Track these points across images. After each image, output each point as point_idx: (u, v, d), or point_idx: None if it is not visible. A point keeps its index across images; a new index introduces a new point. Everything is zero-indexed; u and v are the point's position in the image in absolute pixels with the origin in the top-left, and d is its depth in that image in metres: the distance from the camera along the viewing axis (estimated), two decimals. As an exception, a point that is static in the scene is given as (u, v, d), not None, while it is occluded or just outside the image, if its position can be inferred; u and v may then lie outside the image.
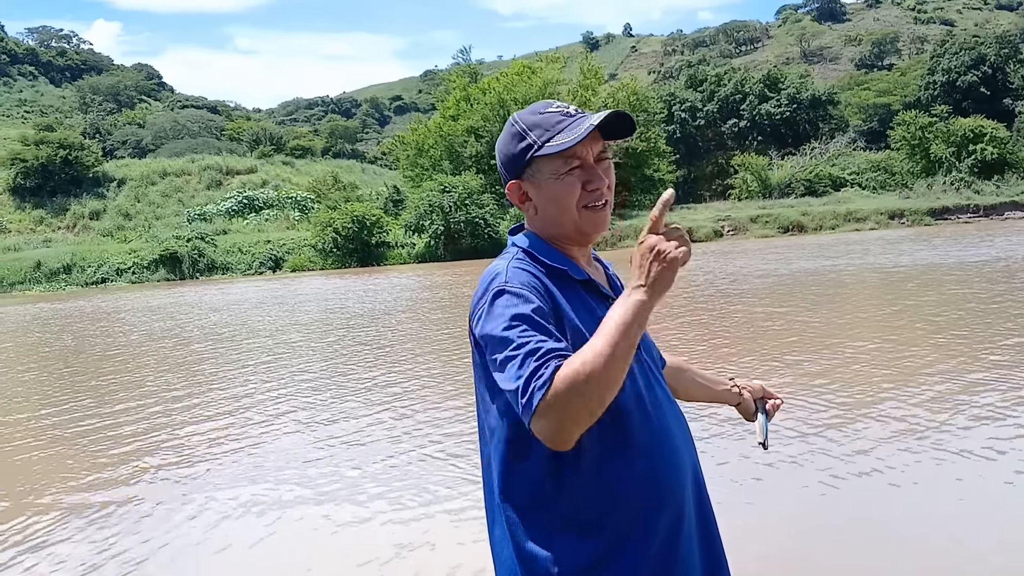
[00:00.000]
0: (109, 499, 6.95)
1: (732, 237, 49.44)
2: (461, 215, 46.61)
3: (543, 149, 2.05)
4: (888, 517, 5.42)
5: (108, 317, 26.12)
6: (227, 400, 10.82)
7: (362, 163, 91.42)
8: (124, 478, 7.59)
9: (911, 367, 9.75)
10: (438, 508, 6.12)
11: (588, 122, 2.03)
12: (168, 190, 70.18)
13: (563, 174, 2.06)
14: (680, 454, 2.07)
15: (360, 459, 7.58)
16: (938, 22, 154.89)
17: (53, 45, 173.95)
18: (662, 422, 2.06)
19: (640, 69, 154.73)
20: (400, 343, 15.31)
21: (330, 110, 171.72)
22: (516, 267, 2.03)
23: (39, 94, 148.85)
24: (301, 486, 6.90)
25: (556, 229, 2.11)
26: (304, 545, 5.68)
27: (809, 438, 7.10)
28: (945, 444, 6.70)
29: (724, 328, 14.17)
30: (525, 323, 1.88)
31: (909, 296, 16.78)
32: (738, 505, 5.72)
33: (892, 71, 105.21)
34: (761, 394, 2.60)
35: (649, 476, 1.98)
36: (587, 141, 2.05)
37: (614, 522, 1.95)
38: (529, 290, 1.95)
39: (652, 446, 2.01)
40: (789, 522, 5.58)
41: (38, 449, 8.93)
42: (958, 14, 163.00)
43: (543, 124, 2.07)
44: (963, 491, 5.76)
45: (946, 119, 63.33)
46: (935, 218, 50.63)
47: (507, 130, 2.14)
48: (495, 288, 1.97)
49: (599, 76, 64.66)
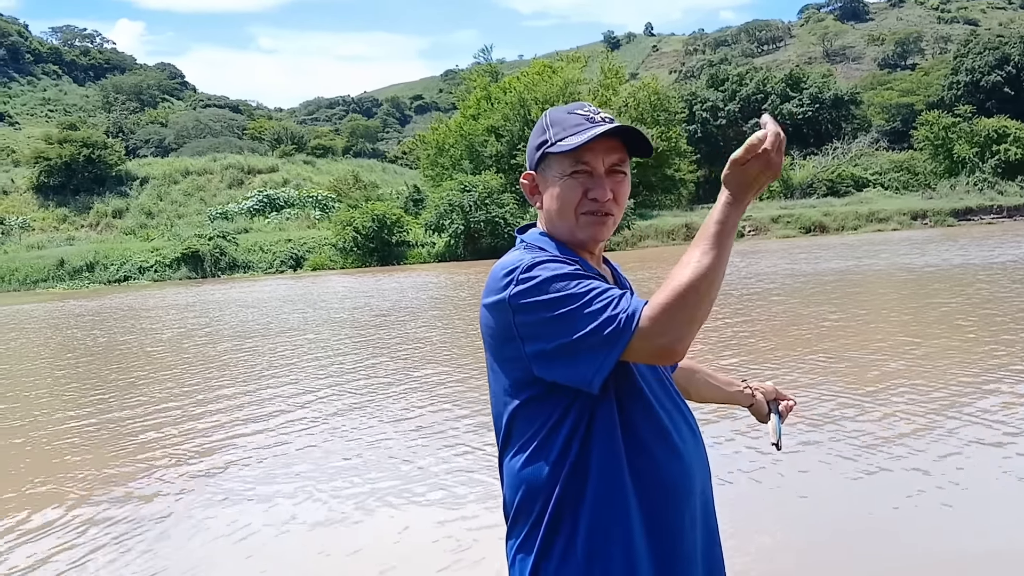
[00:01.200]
0: (136, 494, 6.99)
1: (753, 237, 49.24)
2: (481, 214, 46.60)
3: (554, 147, 2.06)
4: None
5: (140, 315, 26.25)
6: (274, 399, 10.83)
7: (383, 162, 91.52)
8: (162, 475, 7.63)
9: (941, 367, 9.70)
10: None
11: (596, 130, 2.03)
12: (190, 189, 70.49)
13: (567, 176, 2.07)
14: (686, 455, 2.06)
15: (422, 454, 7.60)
16: (962, 21, 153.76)
17: (77, 44, 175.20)
18: (670, 422, 2.06)
19: (661, 68, 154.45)
20: (440, 340, 15.35)
21: (351, 109, 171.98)
22: (532, 251, 2.04)
23: (63, 93, 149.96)
24: (386, 479, 6.93)
25: (556, 230, 2.12)
26: (360, 544, 5.71)
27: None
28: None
29: (778, 328, 14.12)
30: (578, 278, 1.90)
31: (957, 296, 16.67)
32: (744, 506, 5.70)
33: (915, 71, 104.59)
34: (774, 395, 2.59)
35: (656, 475, 1.99)
36: (601, 150, 2.06)
37: (620, 524, 1.95)
38: (560, 256, 1.99)
39: (664, 442, 2.01)
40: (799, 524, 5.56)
41: (72, 442, 9.00)
42: (982, 13, 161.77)
43: (564, 123, 2.09)
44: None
45: (969, 119, 62.89)
46: (958, 219, 50.31)
47: (539, 120, 2.17)
48: (526, 265, 1.95)
49: (620, 76, 64.56)
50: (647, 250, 45.22)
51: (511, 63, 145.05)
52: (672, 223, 50.91)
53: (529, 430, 2.00)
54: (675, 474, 2.01)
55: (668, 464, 2.00)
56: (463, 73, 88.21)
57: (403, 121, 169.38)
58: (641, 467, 1.97)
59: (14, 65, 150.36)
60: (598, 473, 1.95)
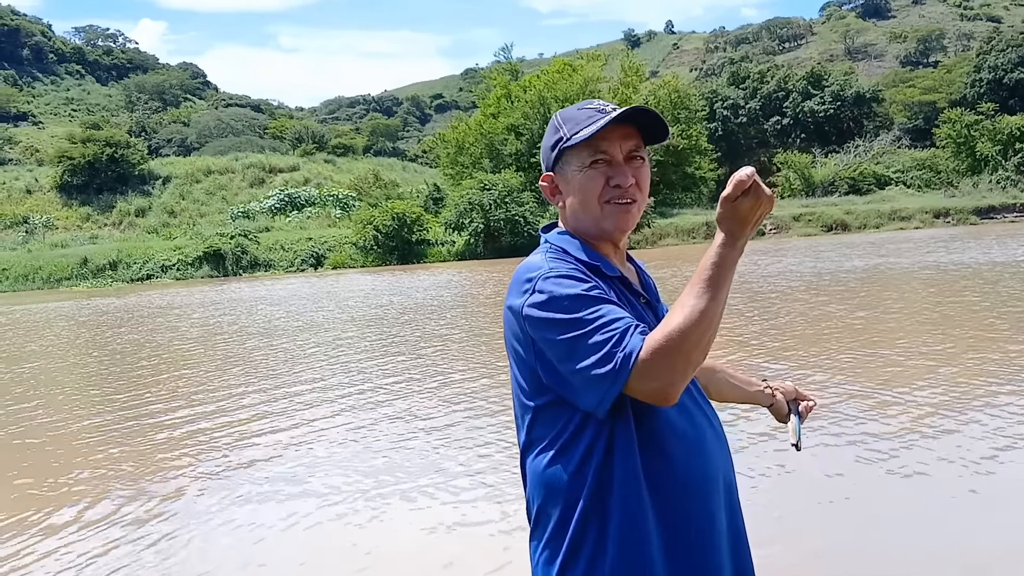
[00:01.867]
0: (158, 492, 7.06)
1: (775, 235, 49.09)
2: (501, 213, 46.66)
3: (570, 140, 2.07)
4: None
5: (167, 312, 26.38)
6: (301, 395, 10.88)
7: (403, 161, 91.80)
8: (184, 472, 7.70)
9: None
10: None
11: (611, 116, 2.04)
12: (212, 188, 70.93)
13: (587, 167, 2.07)
14: (713, 457, 2.07)
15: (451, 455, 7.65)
16: (984, 19, 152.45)
17: (99, 44, 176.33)
18: (692, 420, 2.06)
19: (682, 66, 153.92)
20: (465, 338, 15.41)
21: (372, 108, 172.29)
22: (552, 258, 2.05)
23: (86, 93, 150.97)
24: (394, 479, 6.98)
25: (581, 224, 2.12)
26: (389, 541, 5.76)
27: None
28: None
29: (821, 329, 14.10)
30: (591, 303, 1.89)
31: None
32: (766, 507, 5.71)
33: (938, 68, 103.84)
34: (794, 395, 2.58)
35: (681, 478, 1.99)
36: (616, 138, 2.07)
37: (643, 511, 1.95)
38: (579, 272, 1.98)
39: (686, 448, 2.01)
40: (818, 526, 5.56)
41: (99, 439, 9.09)
42: (1005, 11, 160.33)
43: (576, 119, 2.09)
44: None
45: (992, 117, 62.47)
46: (981, 217, 49.96)
47: (549, 125, 2.18)
48: (542, 275, 1.97)
49: (640, 74, 64.46)
50: (668, 248, 45.18)
51: (531, 61, 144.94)
52: (692, 221, 50.84)
53: (551, 432, 2.01)
54: (697, 472, 2.02)
55: (689, 462, 2.01)
56: (483, 71, 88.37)
57: (423, 120, 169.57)
58: (660, 471, 1.97)
59: (38, 65, 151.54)
60: (621, 486, 1.95)
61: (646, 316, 2.12)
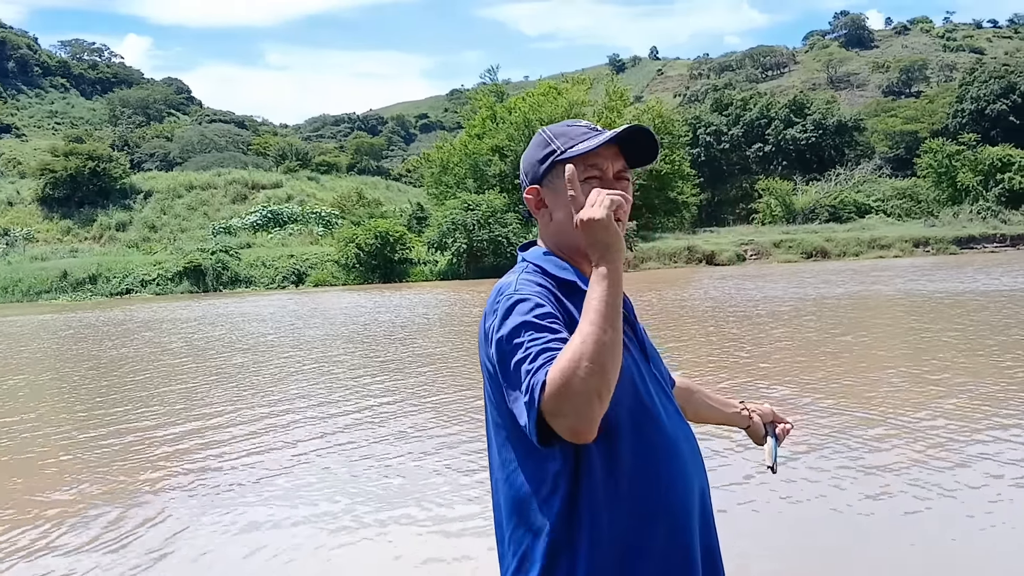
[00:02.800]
0: (139, 509, 7.00)
1: (755, 261, 49.31)
2: (484, 233, 46.72)
3: (565, 154, 2.08)
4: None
5: (153, 327, 26.20)
6: (288, 413, 10.85)
7: (387, 180, 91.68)
8: (165, 487, 7.64)
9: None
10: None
11: (611, 132, 2.07)
12: (194, 203, 70.68)
13: (581, 181, 2.05)
14: (688, 471, 2.06)
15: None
16: (967, 50, 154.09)
17: (85, 58, 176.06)
18: (672, 438, 2.05)
19: (666, 92, 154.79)
20: (452, 356, 15.38)
21: (356, 127, 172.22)
22: (525, 279, 2.04)
23: (70, 106, 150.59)
24: (375, 499, 6.93)
25: (567, 238, 2.10)
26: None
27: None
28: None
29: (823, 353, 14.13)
30: (532, 329, 1.87)
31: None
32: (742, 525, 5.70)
33: (920, 98, 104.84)
34: (771, 418, 2.57)
35: (656, 491, 1.97)
36: (609, 156, 2.09)
37: (616, 535, 1.93)
38: (540, 297, 1.96)
39: (660, 460, 2.00)
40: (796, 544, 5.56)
41: (81, 454, 9.01)
42: (988, 42, 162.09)
43: (568, 134, 2.12)
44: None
45: (974, 147, 63.00)
46: (960, 247, 50.32)
47: (534, 139, 2.19)
48: (506, 297, 1.98)
49: (625, 98, 64.75)
50: (650, 272, 45.28)
51: (517, 84, 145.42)
52: (674, 245, 51.02)
53: (519, 455, 2.00)
54: (674, 489, 2.00)
55: (663, 480, 1.99)
56: (469, 93, 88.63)
57: (408, 139, 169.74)
58: (632, 493, 1.95)
59: (23, 77, 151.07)
60: (589, 514, 1.93)
61: (625, 332, 2.09)
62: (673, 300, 25.76)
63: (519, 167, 2.25)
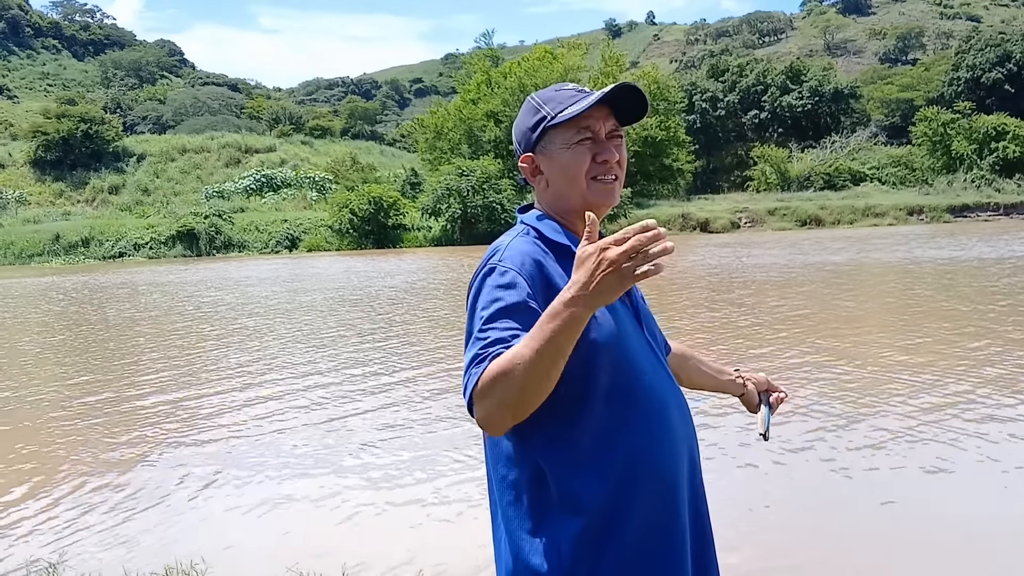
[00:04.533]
0: (129, 471, 7.03)
1: (749, 229, 49.32)
2: (479, 199, 46.63)
3: (556, 119, 2.08)
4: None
5: (157, 289, 26.20)
6: (297, 376, 10.89)
7: (381, 145, 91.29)
8: (160, 451, 7.67)
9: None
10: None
11: (598, 93, 2.08)
12: (187, 167, 70.35)
13: (574, 144, 2.08)
14: (676, 436, 2.08)
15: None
16: (964, 18, 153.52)
17: (77, 19, 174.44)
18: (662, 402, 2.07)
19: (662, 58, 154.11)
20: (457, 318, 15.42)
21: (350, 91, 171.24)
22: (518, 243, 2.06)
23: (62, 68, 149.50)
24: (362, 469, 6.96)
25: (564, 202, 2.13)
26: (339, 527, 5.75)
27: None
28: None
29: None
30: (497, 309, 1.91)
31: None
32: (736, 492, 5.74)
33: (916, 66, 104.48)
34: (766, 386, 2.58)
35: (644, 455, 1.99)
36: (599, 116, 2.10)
37: (604, 499, 1.95)
38: (518, 270, 1.97)
39: (650, 424, 2.02)
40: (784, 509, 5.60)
41: (79, 419, 9.04)
42: (984, 10, 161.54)
43: (557, 99, 2.12)
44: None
45: (969, 116, 62.93)
46: (954, 215, 50.40)
47: (524, 107, 2.19)
48: (490, 265, 2.01)
49: (620, 64, 64.39)
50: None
51: (512, 48, 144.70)
52: (669, 212, 50.98)
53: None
54: (663, 444, 2.03)
55: (656, 434, 2.02)
56: (464, 57, 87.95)
57: (402, 104, 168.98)
58: (628, 435, 1.98)
59: (14, 39, 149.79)
60: (585, 442, 1.96)
61: (620, 297, 2.10)
62: (670, 267, 25.73)
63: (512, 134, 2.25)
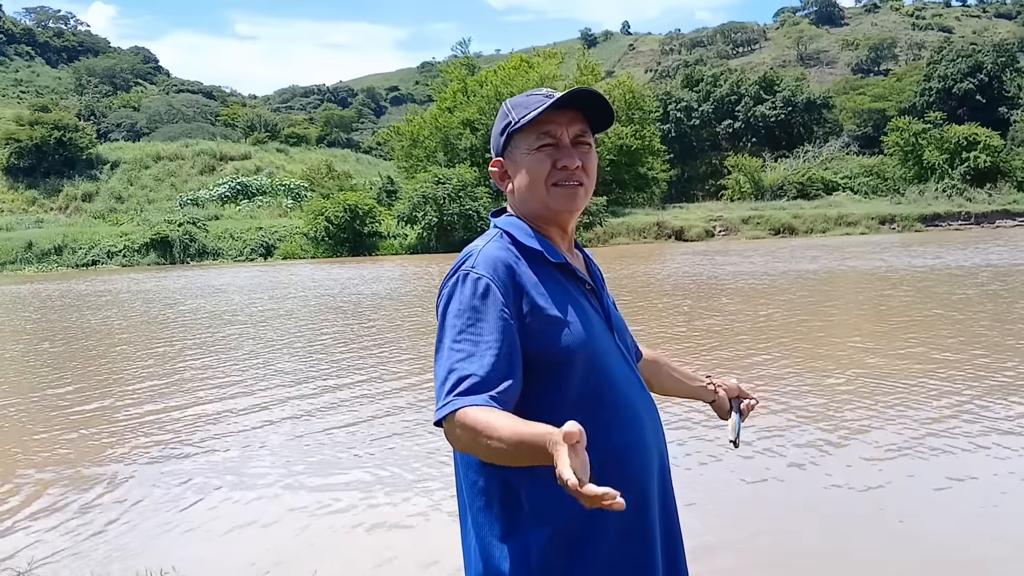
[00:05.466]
0: (99, 478, 7.03)
1: (723, 237, 49.57)
2: (455, 207, 46.65)
3: (518, 123, 2.11)
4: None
5: (138, 297, 25.99)
6: (274, 382, 10.88)
7: (357, 152, 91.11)
8: (130, 459, 7.67)
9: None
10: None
11: (554, 98, 2.09)
12: (161, 174, 69.95)
13: (534, 150, 2.10)
14: (647, 442, 2.10)
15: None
16: (936, 29, 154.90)
17: (50, 26, 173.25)
18: (632, 409, 2.10)
19: (637, 67, 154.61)
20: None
21: (326, 99, 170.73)
22: (491, 248, 2.09)
23: (35, 74, 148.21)
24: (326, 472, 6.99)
25: (529, 207, 2.16)
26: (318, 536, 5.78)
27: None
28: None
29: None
30: (470, 319, 1.97)
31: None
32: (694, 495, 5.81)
33: (888, 76, 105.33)
34: (736, 393, 2.58)
35: (614, 463, 2.01)
36: (564, 122, 2.11)
37: (574, 508, 1.87)
38: (491, 277, 2.01)
39: (621, 431, 2.05)
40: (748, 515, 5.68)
41: (50, 426, 9.01)
42: (956, 21, 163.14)
43: (524, 104, 2.14)
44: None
45: (940, 126, 63.48)
46: (926, 224, 50.82)
47: (500, 110, 2.21)
48: (462, 271, 2.05)
49: (596, 73, 64.70)
50: (619, 247, 45.43)
51: (488, 57, 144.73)
52: (644, 221, 51.19)
53: None
54: (633, 448, 2.06)
55: (627, 439, 2.05)
56: (440, 65, 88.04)
57: (378, 112, 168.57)
58: (598, 439, 1.94)
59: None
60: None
61: (591, 302, 2.17)
62: (637, 277, 25.88)
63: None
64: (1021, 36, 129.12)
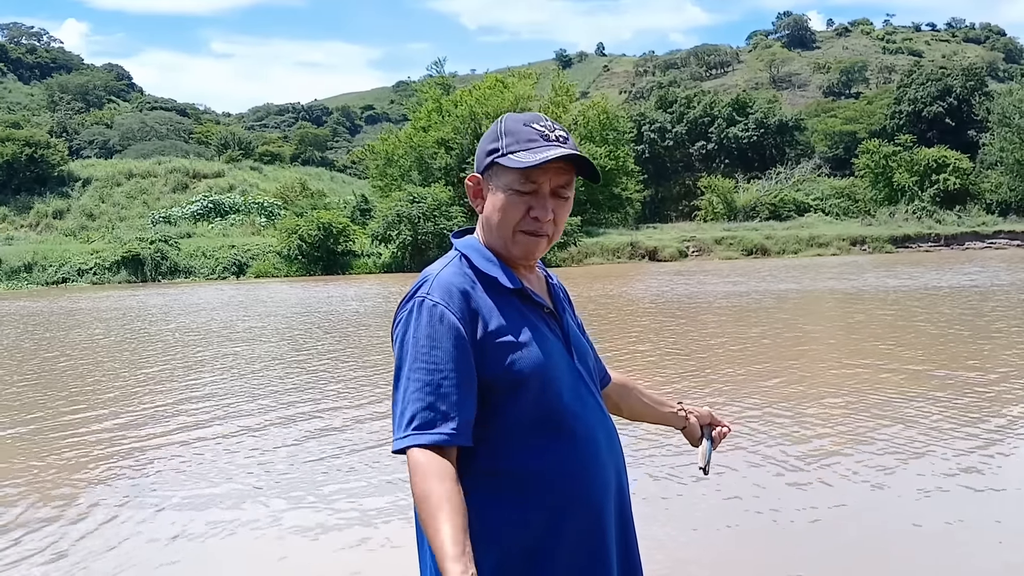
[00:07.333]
0: (65, 500, 6.96)
1: (697, 257, 49.80)
2: (429, 226, 46.59)
3: (504, 159, 2.07)
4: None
5: (115, 317, 25.77)
6: (260, 401, 10.81)
7: (331, 171, 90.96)
8: (95, 481, 7.59)
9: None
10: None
11: (549, 153, 2.04)
12: (133, 192, 69.45)
13: (512, 191, 2.07)
14: (605, 465, 2.09)
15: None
16: (906, 52, 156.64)
17: (23, 42, 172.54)
18: (589, 432, 2.09)
19: (611, 88, 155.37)
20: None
21: (301, 117, 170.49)
22: (446, 273, 2.09)
23: (7, 91, 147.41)
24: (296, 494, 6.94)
25: (491, 239, 2.15)
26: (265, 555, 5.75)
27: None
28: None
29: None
30: (426, 347, 1.98)
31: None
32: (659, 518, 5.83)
33: (859, 99, 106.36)
34: (708, 420, 2.57)
35: (571, 486, 2.01)
36: (550, 171, 2.07)
37: (528, 531, 1.97)
38: (446, 304, 2.01)
39: (577, 455, 2.04)
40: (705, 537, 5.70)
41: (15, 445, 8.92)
42: (926, 45, 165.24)
43: (518, 135, 2.08)
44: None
45: (910, 148, 64.10)
46: (896, 245, 51.22)
47: (492, 126, 2.16)
48: (419, 297, 2.05)
49: (570, 94, 64.98)
50: (593, 267, 45.52)
51: (463, 77, 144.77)
52: (618, 241, 51.32)
53: None
54: (588, 469, 2.06)
55: (581, 459, 2.05)
56: (415, 84, 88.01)
57: (353, 131, 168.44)
58: (552, 460, 2.01)
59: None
60: (507, 465, 2.02)
61: (549, 326, 2.16)
62: (610, 298, 25.95)
63: (468, 157, 2.27)
64: (989, 60, 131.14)
